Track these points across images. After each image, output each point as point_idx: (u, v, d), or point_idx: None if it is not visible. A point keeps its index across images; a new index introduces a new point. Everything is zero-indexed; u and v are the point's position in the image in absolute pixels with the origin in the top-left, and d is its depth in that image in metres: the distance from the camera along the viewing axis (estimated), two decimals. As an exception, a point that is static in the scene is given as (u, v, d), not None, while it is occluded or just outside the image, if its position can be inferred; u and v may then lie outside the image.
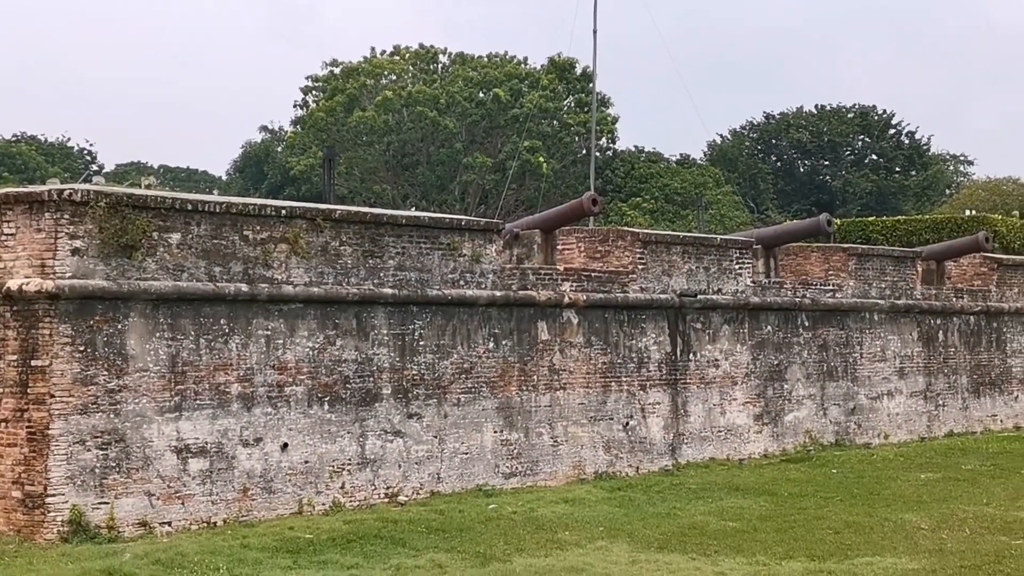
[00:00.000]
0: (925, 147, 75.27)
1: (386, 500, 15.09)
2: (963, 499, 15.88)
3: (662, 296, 18.74)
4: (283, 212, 14.48)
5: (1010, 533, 13.50)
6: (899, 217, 36.46)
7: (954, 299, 24.44)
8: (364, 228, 15.22)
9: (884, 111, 74.41)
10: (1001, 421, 25.41)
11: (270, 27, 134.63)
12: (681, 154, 68.24)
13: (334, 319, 14.82)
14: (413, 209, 47.35)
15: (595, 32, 42.94)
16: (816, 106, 75.04)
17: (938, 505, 15.37)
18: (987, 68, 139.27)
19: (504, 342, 16.65)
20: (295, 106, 64.61)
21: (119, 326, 12.95)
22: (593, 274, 18.07)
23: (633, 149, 63.64)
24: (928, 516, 14.56)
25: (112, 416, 12.82)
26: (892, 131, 74.42)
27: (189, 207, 13.58)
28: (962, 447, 22.05)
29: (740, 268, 20.12)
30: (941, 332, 24.07)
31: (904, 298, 23.20)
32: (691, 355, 19.22)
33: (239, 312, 13.92)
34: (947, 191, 72.81)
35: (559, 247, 18.93)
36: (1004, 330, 25.65)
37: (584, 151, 56.49)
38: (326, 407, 14.68)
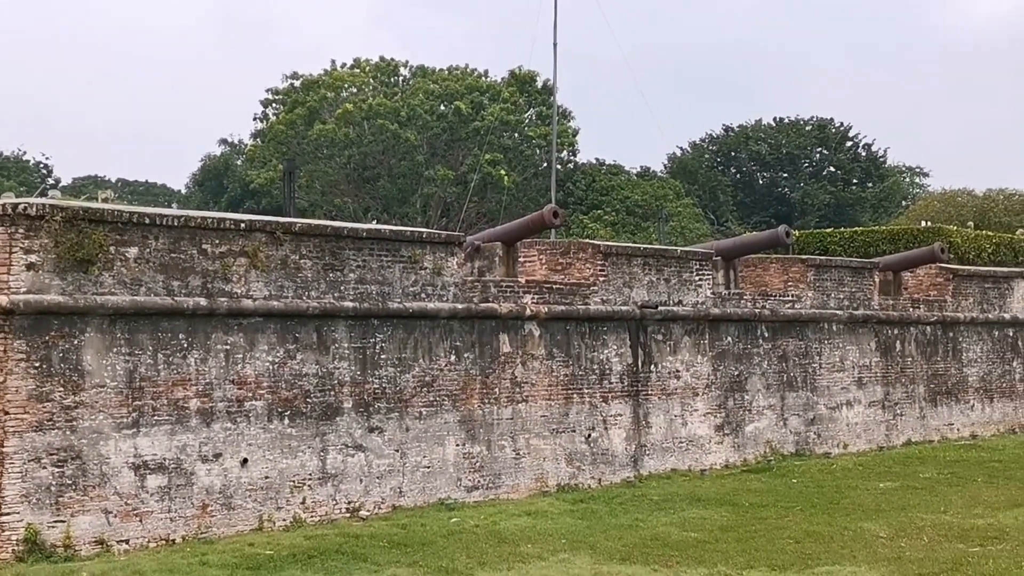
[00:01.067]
0: (882, 159, 76.29)
1: (348, 515, 15.00)
2: (921, 507, 16.04)
3: (623, 308, 18.81)
4: (242, 225, 14.39)
5: (967, 541, 13.65)
6: (856, 228, 36.85)
7: (911, 309, 24.73)
8: (324, 241, 15.16)
9: (841, 124, 75.39)
10: (957, 430, 25.71)
11: (229, 40, 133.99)
12: (642, 167, 68.72)
13: (294, 333, 14.73)
14: (374, 222, 47.22)
15: (555, 45, 43.14)
16: (775, 119, 75.89)
17: (896, 513, 15.51)
18: (942, 82, 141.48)
19: (466, 355, 16.63)
20: (255, 119, 64.37)
21: (75, 341, 12.79)
22: (554, 286, 18.10)
23: (594, 162, 63.96)
24: (887, 524, 14.69)
25: (68, 433, 12.65)
26: (849, 143, 75.38)
27: (147, 221, 13.45)
28: (920, 456, 22.28)
29: (700, 280, 20.25)
30: (898, 342, 24.34)
31: (862, 308, 23.44)
32: (652, 367, 19.30)
33: (198, 327, 13.80)
34: (903, 203, 73.75)
35: (520, 259, 18.96)
36: (960, 340, 25.98)
37: (545, 164, 56.66)
38: (286, 422, 14.58)
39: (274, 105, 62.20)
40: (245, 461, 14.12)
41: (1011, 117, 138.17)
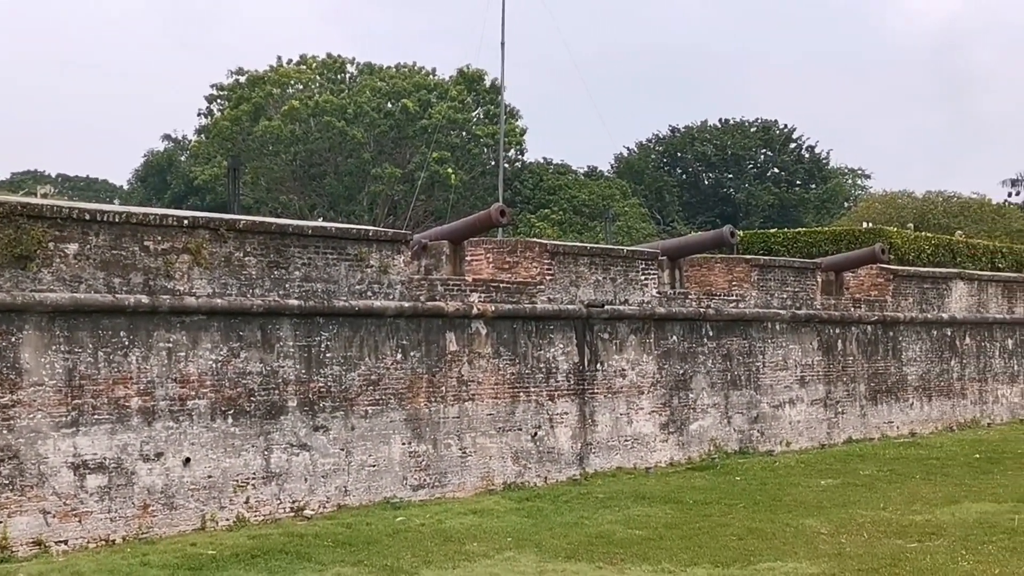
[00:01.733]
0: (825, 161, 77.33)
1: (292, 514, 14.89)
2: (861, 504, 16.28)
3: (570, 307, 18.87)
4: (185, 222, 14.21)
5: (905, 536, 13.88)
6: (800, 229, 37.27)
7: (852, 309, 25.09)
8: (269, 238, 15.02)
9: (786, 126, 76.28)
10: (897, 427, 26.14)
11: (173, 33, 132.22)
12: (589, 166, 69.04)
13: (238, 331, 14.58)
14: (320, 220, 46.88)
15: (503, 44, 43.34)
16: (720, 120, 76.61)
17: (837, 510, 15.73)
18: (884, 86, 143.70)
19: (412, 353, 16.58)
20: (199, 115, 63.65)
21: (12, 339, 12.55)
22: (501, 285, 18.11)
23: (542, 161, 64.10)
24: (828, 521, 14.89)
25: (5, 432, 12.41)
26: (793, 145, 76.31)
27: (87, 217, 13.23)
28: (860, 453, 22.60)
29: (646, 279, 20.38)
30: (840, 341, 24.69)
31: (804, 308, 23.74)
32: (598, 365, 19.38)
33: (139, 324, 13.61)
34: (846, 204, 74.82)
35: (468, 258, 18.94)
36: (900, 339, 26.42)
37: (493, 162, 56.69)
38: (230, 421, 14.43)
39: (219, 101, 61.53)
40: (188, 460, 13.95)
41: (950, 121, 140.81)
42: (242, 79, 60.06)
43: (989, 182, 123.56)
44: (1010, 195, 73.01)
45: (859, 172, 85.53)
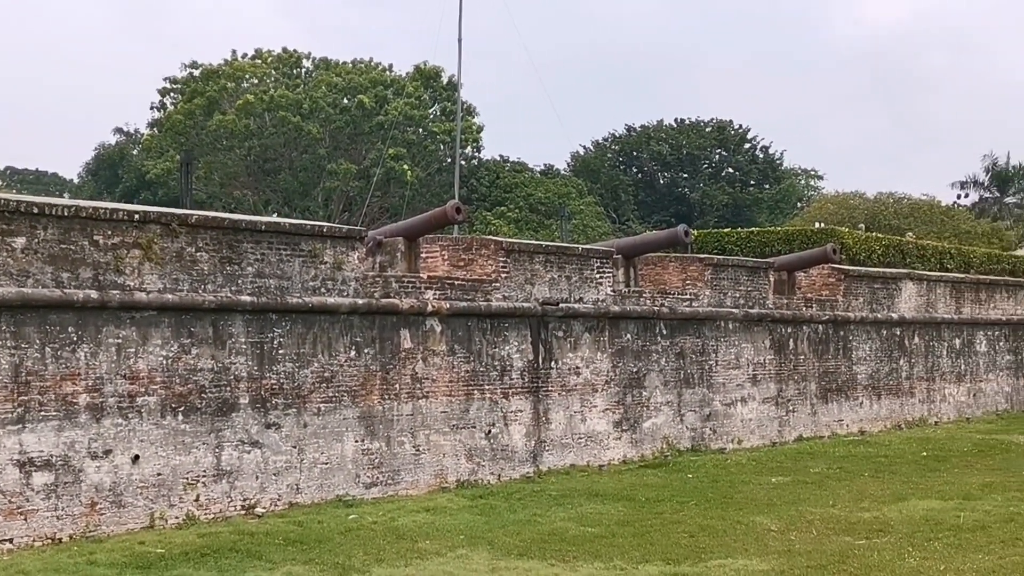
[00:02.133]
0: (778, 162, 78.11)
1: (243, 512, 14.76)
2: (811, 501, 16.46)
3: (525, 304, 18.88)
4: (136, 217, 14.03)
5: (853, 533, 14.05)
6: (753, 229, 37.60)
7: (804, 308, 25.35)
8: (222, 234, 14.88)
9: (740, 126, 76.95)
10: (847, 426, 26.46)
11: (125, 25, 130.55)
12: (545, 164, 69.18)
13: (189, 327, 14.43)
14: (275, 215, 46.53)
15: (460, 41, 43.13)
16: (676, 120, 77.08)
17: (787, 507, 15.88)
18: (837, 88, 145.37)
19: (366, 350, 16.50)
20: (152, 108, 62.97)
21: (-43, 334, 12.31)
22: (456, 282, 18.08)
23: (498, 159, 64.14)
24: (778, 518, 15.03)
25: (-51, 429, 12.17)
26: (748, 146, 76.99)
27: (35, 210, 13.02)
28: (810, 451, 22.85)
29: (601, 277, 20.45)
30: (792, 340, 24.94)
31: (757, 307, 23.95)
32: (553, 363, 19.42)
33: (88, 320, 13.42)
34: (799, 204, 75.59)
35: (423, 255, 18.88)
36: (850, 338, 26.74)
37: (449, 159, 56.58)
38: (180, 417, 14.27)
39: (172, 94, 60.87)
40: (137, 458, 13.78)
41: (900, 124, 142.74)
42: (196, 72, 59.47)
43: (939, 184, 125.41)
44: (959, 197, 74.22)
45: (812, 173, 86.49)
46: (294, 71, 60.74)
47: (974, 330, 31.68)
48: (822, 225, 37.08)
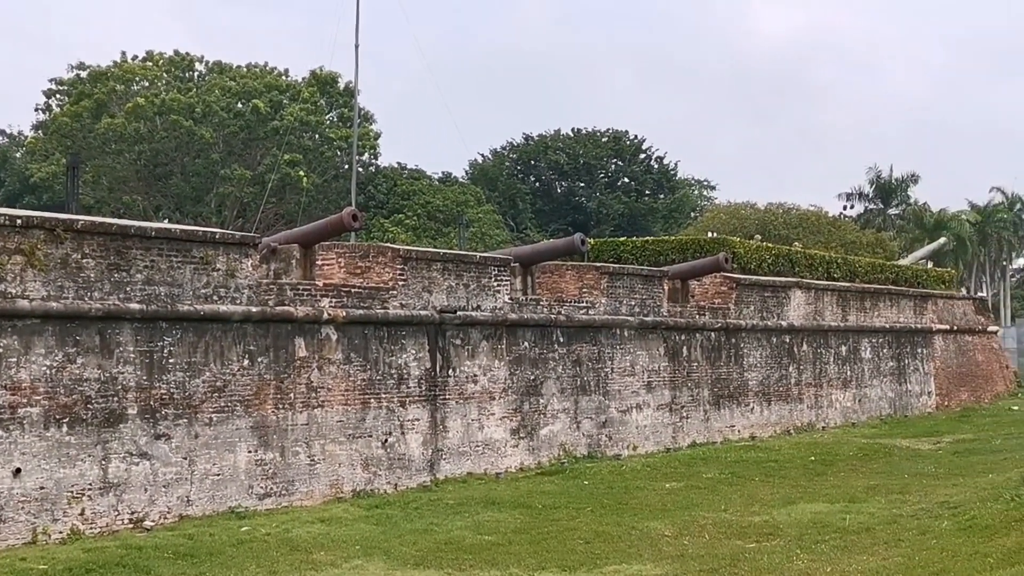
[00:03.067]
0: (673, 172, 79.38)
1: (131, 526, 14.35)
2: (703, 506, 16.73)
3: (422, 312, 18.81)
4: (18, 221, 13.55)
5: (744, 537, 14.33)
6: (648, 238, 38.10)
7: (697, 316, 25.80)
8: (110, 240, 14.47)
9: (635, 136, 77.99)
10: (739, 431, 26.99)
11: (7, 24, 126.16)
12: (443, 172, 69.06)
13: (75, 336, 13.99)
14: (166, 221, 45.51)
15: (357, 47, 42.85)
16: (573, 129, 77.74)
17: (681, 512, 16.12)
18: (728, 100, 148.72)
19: (260, 359, 16.22)
20: (37, 110, 60.89)
21: None
22: (353, 290, 17.91)
23: (396, 165, 63.82)
24: (671, 523, 15.25)
25: None
26: (643, 156, 78.08)
27: (-91, 214, 12.49)
28: (703, 457, 23.23)
29: (499, 285, 20.49)
30: (685, 348, 25.35)
31: (652, 315, 24.28)
32: (450, 371, 19.38)
33: (-34, 328, 12.90)
34: (692, 214, 76.93)
35: (319, 262, 18.67)
36: (741, 345, 27.30)
37: (346, 166, 56.09)
38: (65, 429, 13.82)
39: (58, 96, 59.02)
40: (18, 471, 13.29)
41: (790, 135, 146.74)
42: (83, 74, 57.80)
43: (826, 195, 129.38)
44: (845, 208, 76.65)
45: (705, 183, 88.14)
46: (186, 74, 59.50)
47: (859, 337, 32.67)
48: (715, 234, 37.79)
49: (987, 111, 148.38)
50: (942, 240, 61.53)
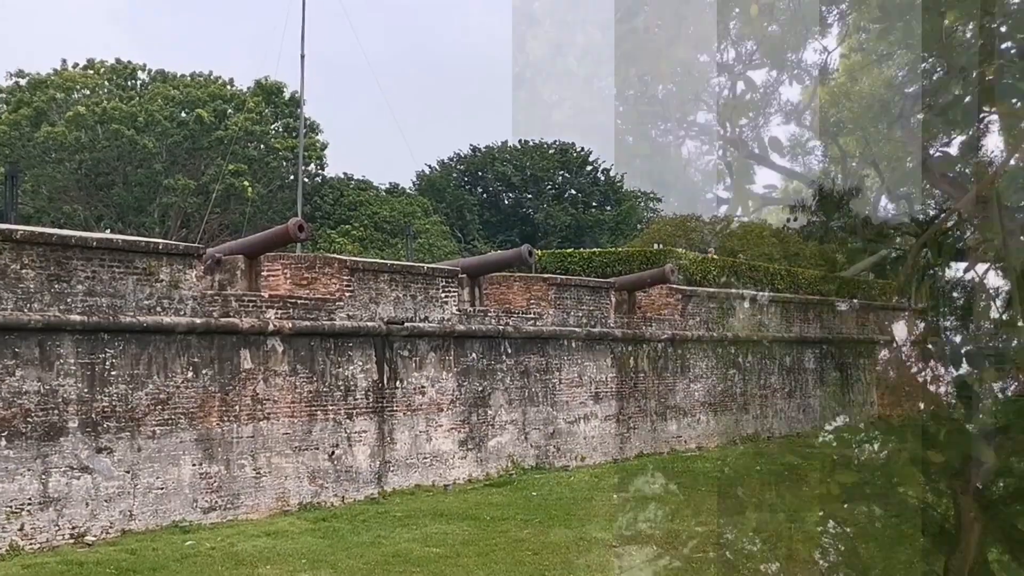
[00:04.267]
0: (619, 184, 79.92)
1: (72, 541, 14.08)
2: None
3: (369, 324, 18.70)
4: (-44, 231, 13.28)
5: (693, 544, 14.39)
6: (595, 249, 38.29)
7: (644, 327, 25.94)
8: (49, 250, 14.22)
9: (582, 149, 78.45)
10: (685, 442, 27.16)
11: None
12: (391, 183, 68.82)
13: (13, 348, 13.71)
14: (107, 231, 44.84)
15: (303, 57, 42.53)
16: (520, 141, 77.98)
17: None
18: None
19: (204, 371, 16.02)
20: (-26, 118, 59.70)
21: None
22: (299, 301, 17.77)
23: (342, 176, 63.49)
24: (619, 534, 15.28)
25: None
26: (589, 168, 78.55)
27: None
28: (651, 467, 23.35)
29: (446, 296, 20.45)
30: (632, 358, 25.47)
31: (599, 326, 24.38)
32: (398, 383, 19.28)
33: (-99, 340, 12.59)
34: (639, 226, 77.47)
35: (264, 273, 18.50)
36: (688, 356, 27.50)
37: (291, 176, 55.69)
38: (3, 443, 13.53)
39: (-4, 103, 57.93)
40: (-46, 487, 13.00)
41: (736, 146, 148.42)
42: (22, 82, 56.84)
43: (771, 207, 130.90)
44: (789, 220, 77.38)
45: (651, 195, 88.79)
46: (129, 83, 58.75)
47: (803, 348, 33.07)
48: (661, 246, 38.06)
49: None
50: (883, 252, 62.50)
